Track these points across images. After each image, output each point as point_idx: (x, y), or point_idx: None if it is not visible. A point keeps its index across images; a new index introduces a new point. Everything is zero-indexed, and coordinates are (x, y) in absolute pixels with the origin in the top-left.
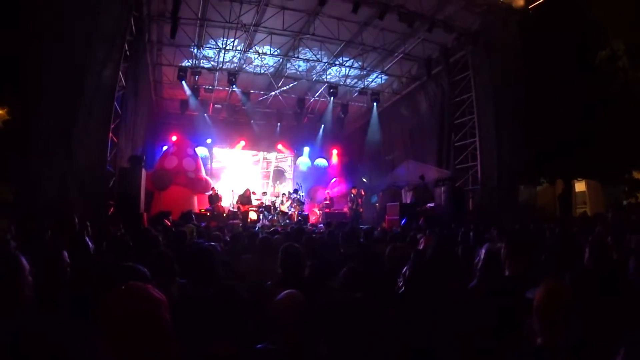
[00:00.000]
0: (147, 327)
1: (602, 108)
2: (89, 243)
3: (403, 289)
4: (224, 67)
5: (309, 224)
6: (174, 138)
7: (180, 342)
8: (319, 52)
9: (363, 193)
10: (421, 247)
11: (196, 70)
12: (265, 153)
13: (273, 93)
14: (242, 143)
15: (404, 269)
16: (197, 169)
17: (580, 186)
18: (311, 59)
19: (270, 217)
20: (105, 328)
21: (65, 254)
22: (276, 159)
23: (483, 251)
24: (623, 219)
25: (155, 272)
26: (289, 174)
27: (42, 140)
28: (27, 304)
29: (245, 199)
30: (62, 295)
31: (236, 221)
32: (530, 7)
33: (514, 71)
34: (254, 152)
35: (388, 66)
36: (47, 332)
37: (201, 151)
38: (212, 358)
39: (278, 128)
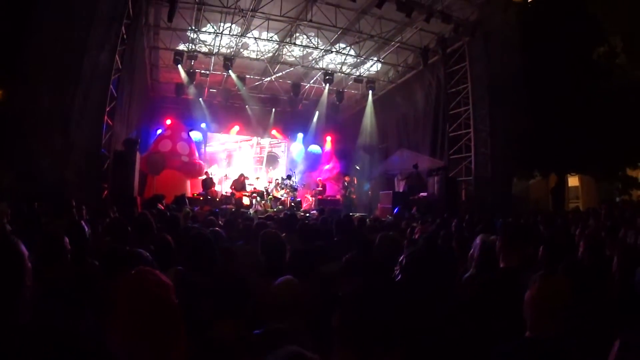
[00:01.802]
0: (158, 311)
1: (599, 104)
2: (85, 227)
3: (400, 277)
4: (220, 51)
5: (301, 209)
6: (168, 122)
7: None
8: (316, 39)
9: (356, 182)
10: (416, 236)
11: (192, 54)
12: (259, 138)
13: (268, 78)
14: (237, 128)
15: (401, 257)
16: (191, 153)
17: (573, 181)
18: (308, 45)
19: (262, 202)
20: (116, 313)
21: (67, 239)
22: (270, 144)
23: (477, 242)
24: (617, 215)
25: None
26: (283, 159)
27: (40, 124)
28: (28, 291)
29: (239, 184)
30: (62, 280)
31: (229, 206)
32: None
33: (511, 64)
34: (248, 137)
35: (384, 55)
36: (52, 319)
37: (195, 135)
38: (215, 342)
39: (273, 113)
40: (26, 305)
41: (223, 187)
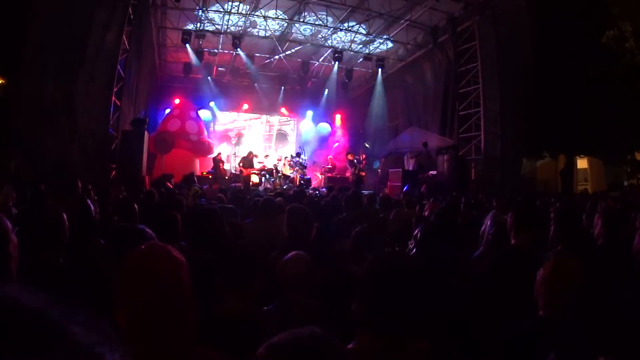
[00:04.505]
0: (169, 287)
1: (608, 87)
2: (91, 206)
3: (414, 250)
4: (228, 30)
5: (310, 187)
6: (177, 101)
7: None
8: (325, 17)
9: (363, 159)
10: (426, 213)
11: (200, 33)
12: (268, 116)
13: (277, 57)
14: (246, 106)
15: (415, 231)
16: (200, 132)
17: (582, 163)
18: (317, 23)
19: (272, 180)
20: (125, 288)
21: (65, 216)
22: (279, 122)
23: (488, 220)
24: (627, 199)
25: (158, 235)
26: (292, 137)
27: (44, 105)
28: (14, 264)
29: (247, 162)
30: (62, 258)
31: (238, 184)
32: None
33: (521, 44)
34: (257, 115)
35: (394, 33)
36: (41, 297)
37: (204, 114)
38: (224, 316)
39: (282, 92)
40: (11, 276)
41: (231, 165)
